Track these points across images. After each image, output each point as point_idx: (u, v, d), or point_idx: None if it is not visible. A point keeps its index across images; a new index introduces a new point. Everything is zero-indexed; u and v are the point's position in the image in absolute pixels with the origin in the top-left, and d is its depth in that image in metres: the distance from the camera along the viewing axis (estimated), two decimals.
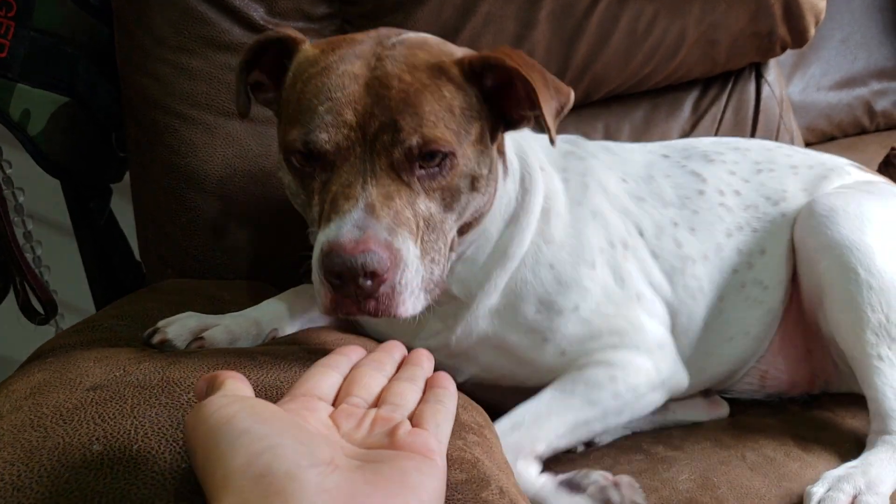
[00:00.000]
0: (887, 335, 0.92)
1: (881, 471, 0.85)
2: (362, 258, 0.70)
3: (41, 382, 0.68)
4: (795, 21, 1.39)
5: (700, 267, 1.02)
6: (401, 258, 0.73)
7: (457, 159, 0.78)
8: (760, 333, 1.06)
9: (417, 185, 0.77)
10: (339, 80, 0.77)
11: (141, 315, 0.93)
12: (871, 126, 1.90)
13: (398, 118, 0.75)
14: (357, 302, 0.73)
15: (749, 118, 1.50)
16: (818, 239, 0.98)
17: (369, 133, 0.75)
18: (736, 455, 0.94)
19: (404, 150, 0.75)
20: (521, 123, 0.86)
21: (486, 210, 0.88)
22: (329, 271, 0.71)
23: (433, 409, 0.59)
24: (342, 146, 0.75)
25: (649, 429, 1.06)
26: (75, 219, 1.30)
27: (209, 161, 1.14)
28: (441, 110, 0.77)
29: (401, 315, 0.74)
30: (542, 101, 0.78)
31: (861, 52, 1.88)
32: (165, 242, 1.17)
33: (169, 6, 1.12)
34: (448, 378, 0.65)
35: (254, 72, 0.87)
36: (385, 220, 0.73)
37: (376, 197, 0.73)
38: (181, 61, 1.13)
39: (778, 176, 1.08)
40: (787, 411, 1.08)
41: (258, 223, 1.16)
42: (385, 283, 0.72)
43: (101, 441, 0.58)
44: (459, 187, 0.80)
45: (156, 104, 1.14)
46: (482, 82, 0.81)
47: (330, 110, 0.75)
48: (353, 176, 0.75)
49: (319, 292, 0.74)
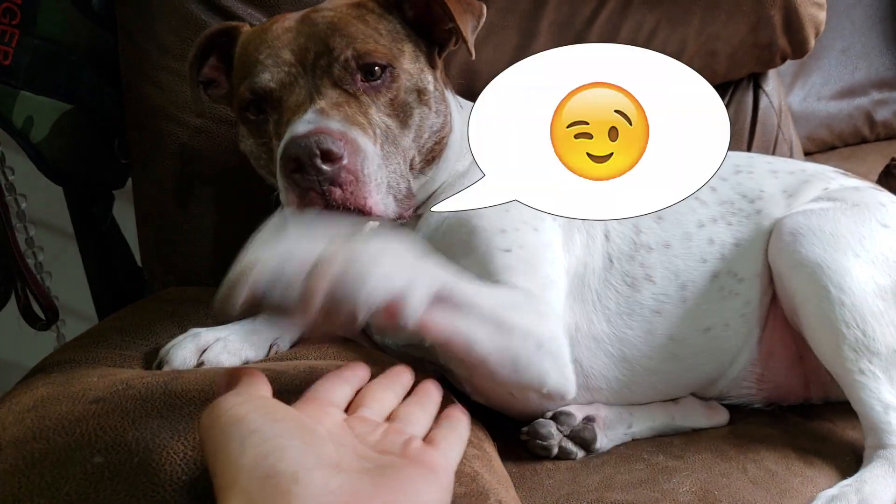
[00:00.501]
0: (866, 349, 0.93)
1: (875, 487, 0.86)
2: (315, 139, 0.73)
3: (44, 395, 0.68)
4: (795, 32, 1.40)
5: (655, 255, 1.03)
6: (358, 146, 0.76)
7: (396, 70, 0.84)
8: (742, 327, 1.06)
9: (366, 98, 0.82)
10: (273, 34, 0.84)
11: (143, 328, 0.93)
12: (871, 136, 1.90)
13: (329, 41, 0.82)
14: (321, 194, 0.74)
15: (746, 128, 1.50)
16: (790, 257, 0.99)
17: (308, 64, 0.81)
18: (737, 467, 0.94)
19: (342, 64, 0.81)
20: (450, 42, 0.92)
21: (446, 135, 0.92)
22: (287, 160, 0.74)
23: (445, 433, 0.60)
24: (285, 81, 0.81)
25: (649, 436, 1.06)
26: (77, 225, 1.30)
27: (211, 168, 1.14)
28: (367, 30, 0.84)
29: (372, 209, 0.76)
30: (456, 14, 0.84)
31: (861, 62, 1.89)
32: (167, 249, 1.17)
33: (173, 15, 1.13)
34: (462, 410, 0.65)
35: (204, 69, 0.93)
36: (336, 117, 0.77)
37: (325, 105, 0.78)
38: (184, 69, 1.12)
39: (757, 178, 1.10)
40: (786, 420, 1.08)
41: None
42: (345, 170, 0.74)
43: (102, 453, 0.58)
44: (408, 101, 0.85)
45: (158, 111, 1.14)
46: (403, 13, 0.89)
47: (268, 56, 0.82)
48: (300, 98, 0.80)
49: (286, 202, 0.77)
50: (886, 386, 0.92)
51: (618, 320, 1.02)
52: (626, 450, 1.02)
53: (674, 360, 1.05)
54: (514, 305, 0.83)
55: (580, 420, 1.01)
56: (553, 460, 0.98)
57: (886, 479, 0.87)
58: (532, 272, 0.92)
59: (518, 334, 0.80)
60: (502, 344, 0.78)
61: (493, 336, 0.77)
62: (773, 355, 1.08)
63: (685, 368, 1.07)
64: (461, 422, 0.64)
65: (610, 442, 1.02)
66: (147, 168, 1.17)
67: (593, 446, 1.00)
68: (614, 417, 1.04)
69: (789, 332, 1.07)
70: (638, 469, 0.95)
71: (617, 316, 1.02)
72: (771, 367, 1.09)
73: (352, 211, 0.76)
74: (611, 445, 1.03)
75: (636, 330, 1.03)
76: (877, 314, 0.93)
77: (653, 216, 1.04)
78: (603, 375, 1.04)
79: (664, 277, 1.03)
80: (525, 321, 0.83)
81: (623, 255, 1.03)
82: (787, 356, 1.09)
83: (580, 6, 1.28)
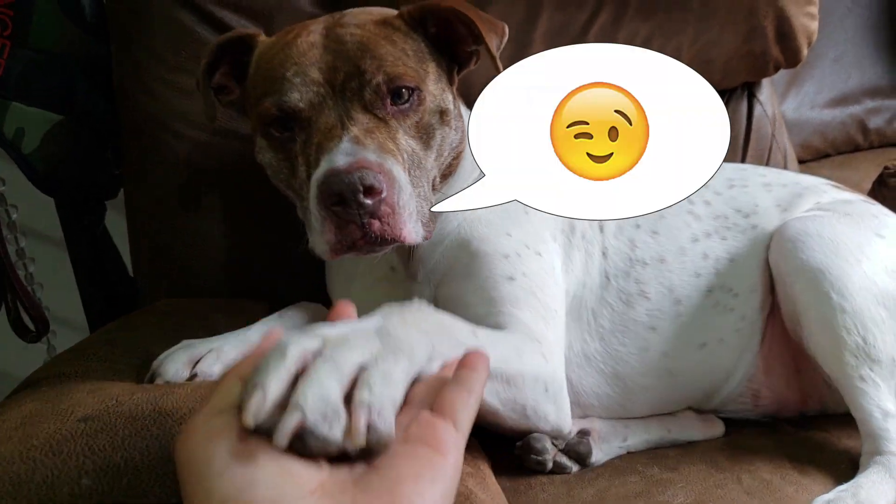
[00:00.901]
0: (867, 356, 0.93)
1: (871, 492, 0.86)
2: (358, 174, 0.74)
3: (32, 412, 0.67)
4: (788, 42, 1.40)
5: (650, 270, 1.03)
6: (394, 178, 0.77)
7: (423, 94, 0.84)
8: (738, 343, 1.06)
9: (394, 123, 0.82)
10: (299, 49, 0.83)
11: (134, 342, 0.93)
12: (864, 143, 1.90)
13: (360, 63, 0.81)
14: (361, 226, 0.75)
15: (741, 137, 1.50)
16: (791, 263, 0.99)
17: (337, 84, 0.80)
18: (732, 478, 0.94)
19: (373, 88, 0.80)
20: (470, 61, 0.92)
21: (462, 149, 0.93)
22: (329, 195, 0.74)
23: (456, 395, 0.52)
24: (314, 102, 0.80)
25: (644, 448, 1.05)
26: (69, 236, 1.29)
27: (204, 179, 1.14)
28: (396, 51, 0.84)
29: (406, 238, 0.77)
30: (483, 32, 0.84)
31: (854, 71, 1.88)
32: (159, 260, 1.17)
33: (167, 26, 1.12)
34: (481, 357, 0.56)
35: (216, 75, 0.92)
36: (371, 146, 0.77)
37: (358, 132, 0.78)
38: (178, 80, 1.13)
39: (751, 192, 1.10)
40: (782, 431, 1.08)
41: (253, 241, 1.16)
42: (385, 203, 0.75)
43: (90, 475, 0.57)
44: (432, 123, 0.85)
45: (151, 122, 1.14)
46: (426, 30, 0.88)
47: (297, 73, 0.81)
48: (331, 123, 0.79)
49: (322, 231, 0.77)
50: (886, 394, 0.93)
51: (611, 338, 1.02)
52: (621, 462, 1.02)
53: (668, 377, 1.05)
54: (520, 352, 0.83)
55: (575, 434, 1.00)
56: (548, 474, 0.97)
57: (883, 484, 0.87)
58: (535, 303, 0.91)
59: (526, 384, 0.81)
60: (511, 397, 0.79)
61: (503, 391, 0.78)
62: (770, 370, 1.08)
63: (679, 384, 1.06)
64: (478, 374, 0.55)
65: (605, 456, 1.02)
66: (140, 178, 1.17)
67: (588, 460, 0.99)
68: (609, 431, 1.04)
69: (788, 346, 1.07)
70: (632, 482, 0.95)
71: (610, 334, 1.02)
72: (768, 383, 1.08)
73: (387, 240, 0.77)
74: (606, 459, 1.02)
75: (629, 347, 1.03)
76: (878, 322, 0.93)
77: (648, 230, 1.04)
78: (594, 392, 1.04)
79: (658, 293, 1.03)
80: (531, 367, 0.83)
81: (619, 271, 1.03)
82: (785, 371, 1.09)
83: (574, 15, 1.27)
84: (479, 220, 0.95)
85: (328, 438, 0.45)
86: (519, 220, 0.96)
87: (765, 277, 1.05)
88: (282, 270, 1.16)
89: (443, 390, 0.52)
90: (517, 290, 0.91)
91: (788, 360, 1.08)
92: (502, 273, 0.92)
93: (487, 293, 0.91)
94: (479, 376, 0.54)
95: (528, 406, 0.82)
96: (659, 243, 1.04)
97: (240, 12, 1.14)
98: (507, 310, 0.90)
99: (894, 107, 1.90)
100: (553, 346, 0.90)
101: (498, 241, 0.94)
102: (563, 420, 0.89)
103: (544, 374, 0.84)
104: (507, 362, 0.79)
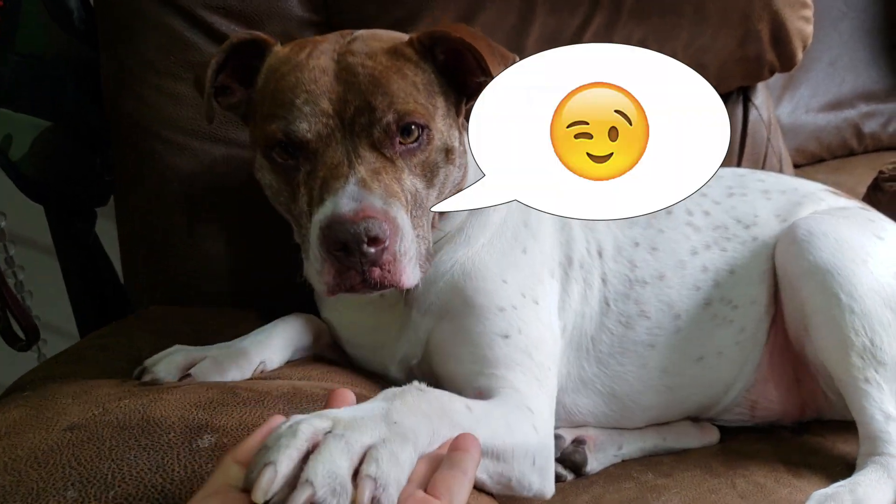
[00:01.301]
0: (873, 358, 0.93)
1: (868, 490, 0.86)
2: (364, 224, 0.73)
3: (17, 420, 0.66)
4: (783, 46, 1.39)
5: (650, 289, 1.02)
6: (398, 226, 0.76)
7: (432, 132, 0.83)
8: (737, 356, 1.05)
9: (401, 162, 0.81)
10: (310, 74, 0.81)
11: (125, 346, 0.92)
12: (859, 148, 1.90)
13: (371, 99, 0.79)
14: (361, 273, 0.75)
15: (736, 141, 1.50)
16: (799, 264, 0.99)
17: (346, 118, 0.79)
18: (726, 483, 0.94)
19: (383, 126, 0.79)
20: (478, 92, 0.88)
21: (463, 186, 0.90)
22: (333, 242, 0.74)
23: (450, 476, 0.55)
24: (322, 134, 0.79)
25: (639, 456, 1.05)
26: (59, 243, 1.28)
27: (194, 186, 1.13)
28: (407, 86, 0.82)
29: (404, 284, 0.77)
30: (491, 65, 0.81)
31: (849, 75, 1.89)
32: (150, 268, 1.15)
33: (157, 31, 1.11)
34: (473, 440, 0.60)
35: (220, 75, 0.89)
36: (378, 191, 0.76)
37: (365, 173, 0.77)
38: (168, 86, 1.12)
39: (750, 200, 1.09)
40: (777, 437, 1.08)
41: (244, 250, 1.14)
42: (387, 251, 0.74)
43: (76, 486, 0.56)
44: (437, 161, 0.84)
45: (142, 128, 1.12)
46: (435, 57, 0.86)
47: (307, 102, 0.80)
48: (338, 159, 0.78)
49: (321, 271, 0.76)
50: (888, 397, 0.93)
51: (609, 360, 1.01)
52: (615, 469, 1.02)
53: (667, 392, 1.04)
54: (511, 426, 0.80)
55: (570, 442, 0.99)
56: None
57: (881, 483, 0.87)
58: (530, 364, 0.89)
59: (515, 458, 0.79)
60: (499, 471, 0.78)
61: (492, 466, 0.77)
62: (770, 381, 1.08)
63: (677, 400, 1.06)
64: (469, 455, 0.58)
65: (600, 464, 1.02)
66: (131, 186, 1.15)
67: (584, 469, 0.99)
68: (605, 439, 1.03)
69: (788, 357, 1.07)
70: (627, 488, 0.95)
71: (609, 356, 1.01)
72: (767, 393, 1.08)
73: (385, 287, 0.76)
74: (601, 468, 1.02)
75: (627, 366, 1.02)
76: (885, 324, 0.94)
77: (647, 247, 1.03)
78: (590, 412, 1.03)
79: (658, 310, 1.02)
80: (521, 441, 0.81)
81: (619, 295, 1.01)
82: (784, 382, 1.08)
83: (567, 21, 1.27)
84: (474, 262, 0.93)
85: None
86: (517, 261, 0.94)
87: (766, 287, 1.05)
88: (275, 280, 1.14)
89: (438, 471, 0.55)
90: (512, 351, 0.88)
91: (788, 371, 1.08)
92: (497, 330, 0.89)
93: (481, 351, 0.88)
94: (473, 457, 0.58)
95: (513, 479, 0.80)
96: (658, 259, 1.03)
97: (230, 17, 1.13)
98: (501, 373, 0.87)
99: (889, 111, 1.91)
100: (544, 413, 0.87)
101: (494, 290, 0.91)
102: (546, 488, 0.86)
103: (533, 447, 0.82)
104: (499, 437, 0.77)
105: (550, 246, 0.98)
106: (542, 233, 0.97)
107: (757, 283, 1.04)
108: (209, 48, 1.12)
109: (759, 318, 1.05)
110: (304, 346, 0.97)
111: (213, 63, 0.87)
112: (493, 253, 0.93)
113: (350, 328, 0.99)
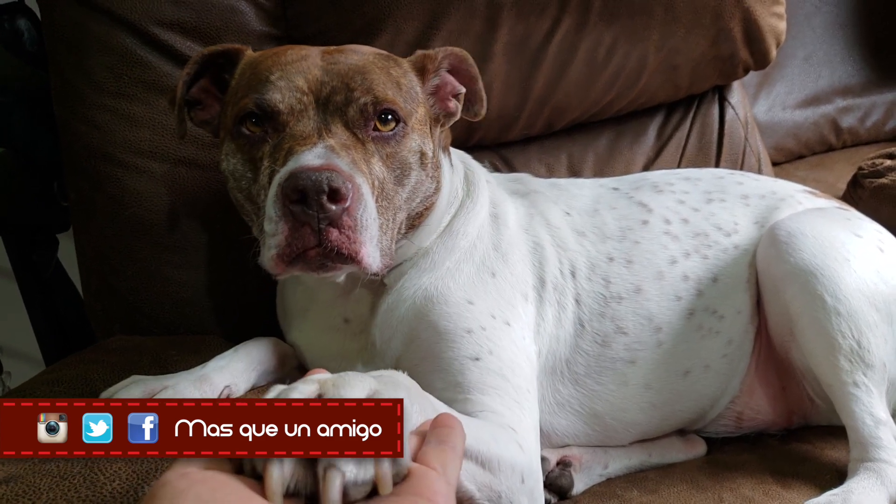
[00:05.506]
0: (861, 361, 0.92)
1: (862, 497, 0.85)
2: (327, 175, 0.70)
3: None
4: (756, 44, 1.39)
5: (626, 304, 0.99)
6: (361, 194, 0.73)
7: (408, 128, 0.82)
8: (725, 368, 1.03)
9: (372, 147, 0.79)
10: (289, 58, 0.81)
11: (79, 380, 0.88)
12: (837, 143, 1.91)
13: (349, 82, 0.79)
14: (317, 233, 0.71)
15: (714, 141, 1.48)
16: (781, 267, 0.97)
17: (322, 97, 0.78)
18: (713, 497, 0.92)
19: (359, 106, 0.78)
20: (450, 118, 0.92)
21: (435, 201, 0.89)
22: (292, 190, 0.70)
23: (440, 450, 0.52)
24: (295, 108, 0.78)
25: (624, 473, 1.02)
26: (18, 272, 1.25)
27: (155, 210, 1.09)
28: (389, 81, 0.82)
29: (363, 260, 0.73)
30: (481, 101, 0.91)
31: (825, 70, 1.90)
32: (111, 296, 1.11)
33: (107, 50, 1.07)
34: (455, 419, 0.56)
35: (193, 88, 0.88)
36: (345, 157, 0.74)
37: (335, 143, 0.75)
38: (122, 107, 1.08)
39: (729, 206, 1.07)
40: (764, 445, 1.06)
41: (208, 274, 1.11)
42: (347, 214, 0.71)
43: None
44: (409, 161, 0.82)
45: (97, 153, 1.08)
46: (425, 79, 0.88)
47: (282, 77, 0.79)
48: (307, 131, 0.76)
49: (274, 232, 0.72)
50: (878, 400, 0.92)
51: (586, 380, 0.98)
52: (600, 487, 1.00)
53: (651, 409, 1.01)
54: (496, 437, 0.77)
55: (554, 464, 0.97)
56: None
57: (874, 490, 0.86)
58: (506, 386, 0.85)
59: (503, 471, 0.75)
60: (487, 482, 0.74)
61: (479, 474, 0.72)
62: (755, 392, 1.06)
63: (663, 415, 1.03)
64: (453, 430, 0.55)
65: (585, 486, 0.99)
66: (87, 212, 1.12)
67: (569, 493, 0.96)
68: (590, 458, 1.00)
69: (774, 366, 1.05)
70: None
71: (585, 377, 0.98)
72: (753, 404, 1.06)
73: (342, 257, 0.72)
74: (585, 488, 0.99)
75: (607, 385, 0.98)
76: (871, 325, 0.92)
77: (622, 261, 1.00)
78: (569, 433, 0.99)
79: (637, 325, 0.99)
80: (508, 455, 0.76)
81: (594, 314, 0.98)
82: (771, 392, 1.06)
83: (535, 25, 1.24)
84: (437, 286, 0.89)
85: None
86: (485, 285, 0.91)
87: (749, 297, 1.03)
88: (237, 306, 1.12)
89: (426, 446, 0.52)
90: (484, 374, 0.84)
91: (774, 380, 1.06)
92: (466, 353, 0.85)
93: (453, 377, 0.84)
94: (459, 433, 0.54)
95: (503, 495, 0.75)
96: (634, 273, 1.00)
97: (185, 33, 1.09)
98: (476, 398, 0.83)
99: (866, 105, 1.92)
100: (529, 433, 0.83)
101: (458, 313, 0.88)
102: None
103: (521, 464, 0.77)
104: (483, 443, 0.73)
105: (522, 269, 0.95)
106: (513, 256, 0.95)
107: (742, 292, 1.02)
108: (165, 67, 1.08)
109: (745, 328, 1.03)
110: (269, 369, 0.94)
111: (184, 75, 0.86)
112: (459, 277, 0.90)
113: (316, 351, 0.96)
